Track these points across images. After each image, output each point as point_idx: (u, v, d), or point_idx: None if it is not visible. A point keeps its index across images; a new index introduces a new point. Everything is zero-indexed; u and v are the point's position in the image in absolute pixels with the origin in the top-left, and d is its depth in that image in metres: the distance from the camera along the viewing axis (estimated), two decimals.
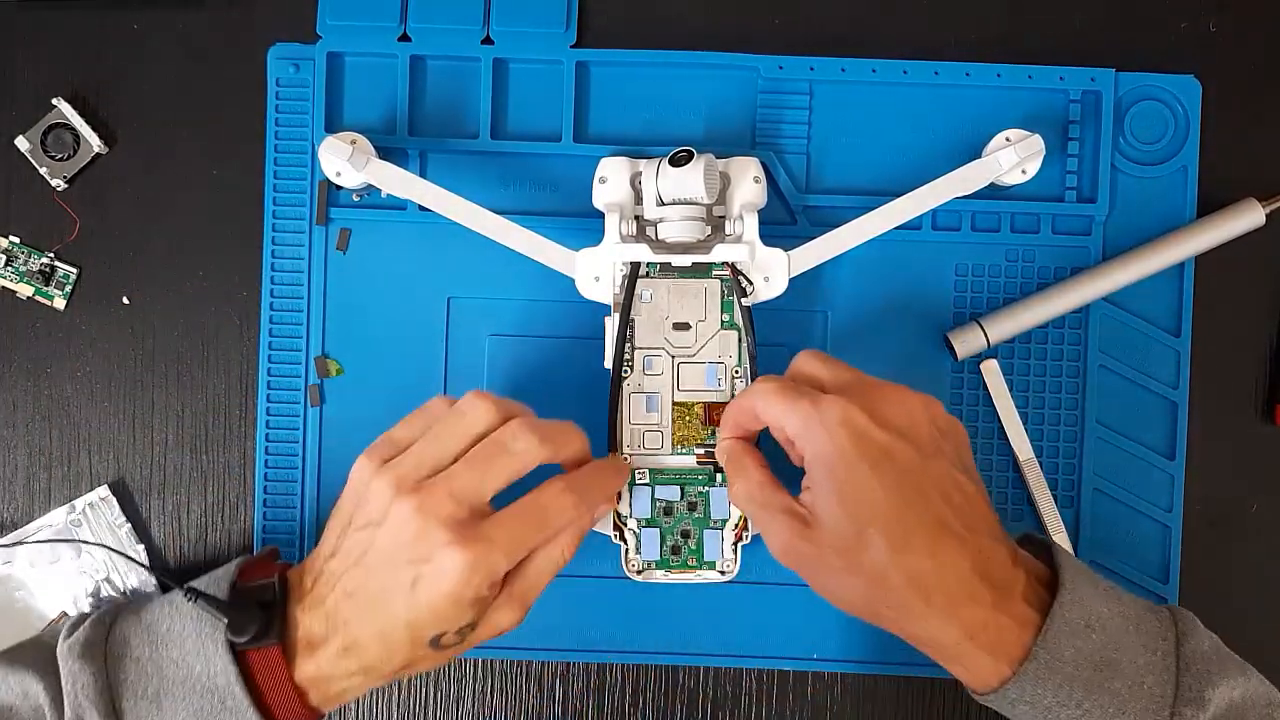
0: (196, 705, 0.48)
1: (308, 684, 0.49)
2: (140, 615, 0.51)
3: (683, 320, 0.54)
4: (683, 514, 0.54)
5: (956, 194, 0.55)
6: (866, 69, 0.58)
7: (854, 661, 0.59)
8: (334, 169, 0.55)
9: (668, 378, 0.54)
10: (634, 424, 0.54)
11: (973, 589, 0.44)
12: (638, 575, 0.55)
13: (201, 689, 0.48)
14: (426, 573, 0.46)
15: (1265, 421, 0.59)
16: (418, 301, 0.58)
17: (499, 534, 0.47)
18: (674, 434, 0.54)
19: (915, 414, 0.47)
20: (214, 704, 0.48)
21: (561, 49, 0.58)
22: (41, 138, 0.58)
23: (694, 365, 0.54)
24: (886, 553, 0.44)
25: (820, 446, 0.45)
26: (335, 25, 0.58)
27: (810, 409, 0.46)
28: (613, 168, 0.56)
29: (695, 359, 0.54)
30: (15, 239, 0.59)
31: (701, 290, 0.54)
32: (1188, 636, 0.46)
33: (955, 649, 0.45)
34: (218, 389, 0.59)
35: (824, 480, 0.46)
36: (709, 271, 0.54)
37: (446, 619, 0.47)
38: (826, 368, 0.49)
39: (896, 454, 0.45)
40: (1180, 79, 0.58)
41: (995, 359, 0.58)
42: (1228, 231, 0.58)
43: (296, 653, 0.48)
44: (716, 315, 0.54)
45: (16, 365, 0.59)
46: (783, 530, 0.47)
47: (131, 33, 0.59)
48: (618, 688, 0.59)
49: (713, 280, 0.54)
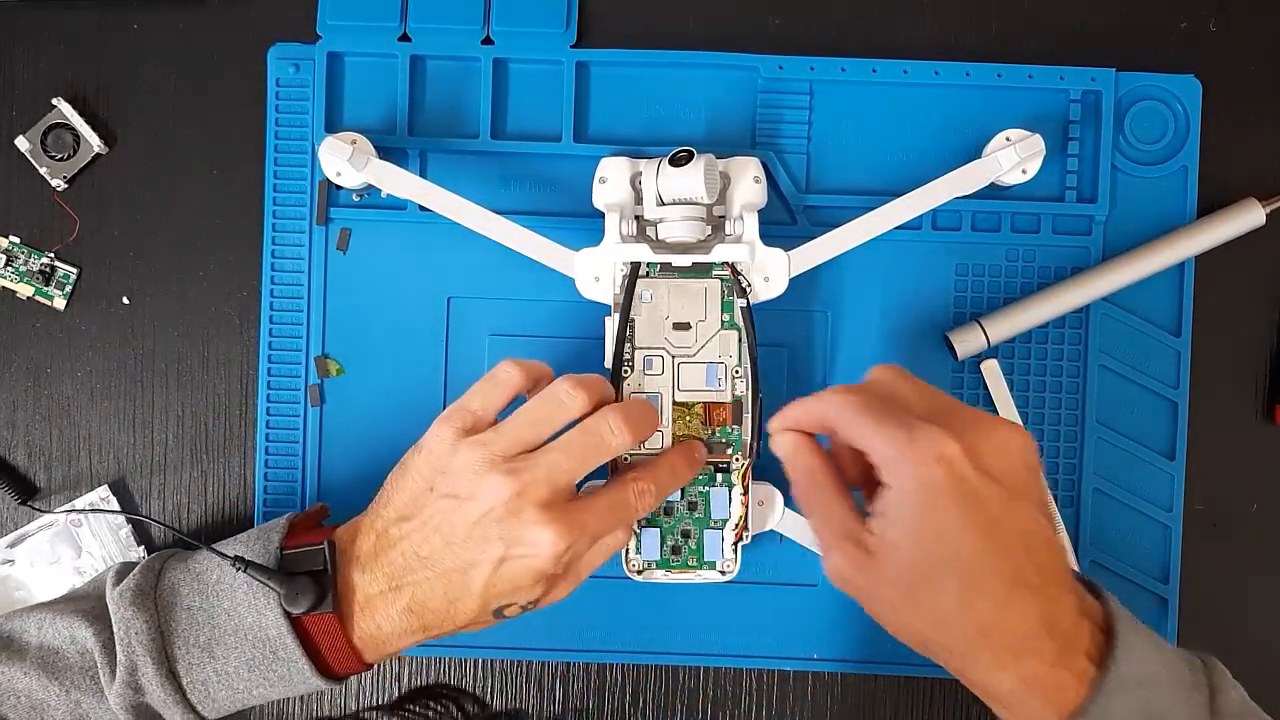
0: (249, 654, 0.49)
1: (364, 641, 0.50)
2: (189, 564, 0.51)
3: (683, 320, 0.54)
4: (683, 514, 0.54)
5: (956, 194, 0.55)
6: (866, 69, 0.58)
7: (854, 661, 0.58)
8: (334, 169, 0.55)
9: (668, 378, 0.54)
10: None
11: (1037, 642, 0.42)
12: (638, 575, 0.55)
13: (254, 639, 0.49)
14: (517, 551, 0.47)
15: (1265, 421, 0.59)
16: (418, 301, 0.58)
17: (590, 520, 0.48)
18: (674, 434, 0.54)
19: (1012, 454, 0.44)
20: (266, 654, 0.49)
21: (561, 49, 0.58)
22: (41, 138, 0.58)
23: (694, 365, 0.54)
24: (957, 599, 0.42)
25: (909, 482, 0.43)
26: (335, 25, 0.58)
27: (905, 439, 0.43)
28: (613, 168, 0.56)
29: (695, 359, 0.54)
30: (15, 239, 0.59)
31: (701, 290, 0.54)
32: (1220, 690, 0.45)
33: (1007, 697, 0.43)
34: (218, 389, 0.59)
35: (906, 516, 0.43)
36: (709, 271, 0.54)
37: (522, 593, 0.49)
38: (914, 389, 0.47)
39: (988, 499, 0.43)
40: (1180, 79, 0.58)
41: (995, 359, 0.58)
42: (1228, 231, 0.58)
43: (354, 613, 0.49)
44: (717, 315, 0.54)
45: (16, 365, 0.59)
46: (841, 558, 0.45)
47: (131, 33, 0.59)
48: (618, 688, 0.59)
49: (713, 280, 0.54)
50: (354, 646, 0.49)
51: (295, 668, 0.49)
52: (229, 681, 0.49)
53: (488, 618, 0.50)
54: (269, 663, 0.49)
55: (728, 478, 0.54)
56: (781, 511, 0.55)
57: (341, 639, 0.49)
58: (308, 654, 0.49)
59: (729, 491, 0.54)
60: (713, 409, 0.54)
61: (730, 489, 0.54)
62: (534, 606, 0.50)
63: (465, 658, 0.59)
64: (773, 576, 0.58)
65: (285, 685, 0.50)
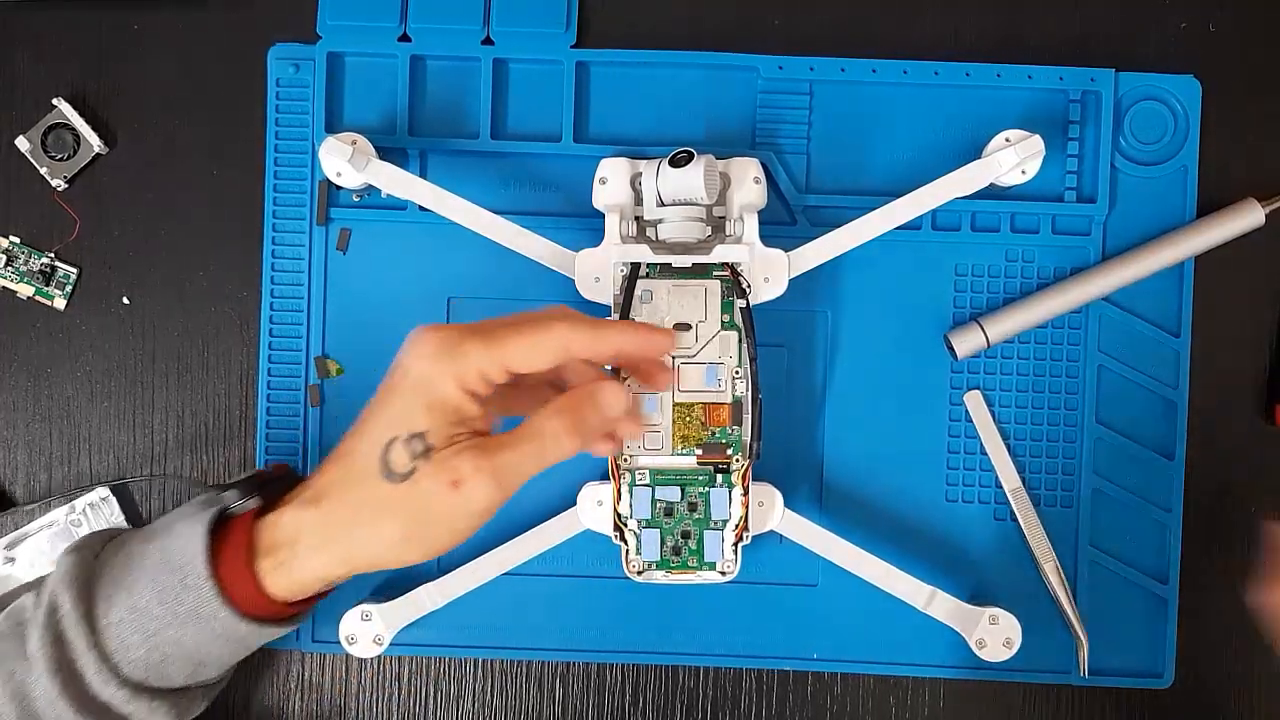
0: (161, 583, 0.46)
1: (267, 551, 0.47)
2: (151, 523, 0.51)
3: (683, 321, 0.54)
4: (683, 514, 0.54)
5: (956, 194, 0.55)
6: (866, 69, 0.58)
7: (854, 661, 0.59)
8: (334, 169, 0.55)
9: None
10: None
11: None
12: (638, 576, 0.55)
13: (168, 566, 0.47)
14: (397, 363, 0.46)
15: (1265, 421, 0.59)
16: (418, 301, 0.58)
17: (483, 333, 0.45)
18: (675, 434, 0.54)
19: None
20: (175, 582, 0.46)
21: (561, 49, 0.58)
22: (41, 138, 0.58)
23: (694, 366, 0.54)
24: None
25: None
26: (335, 25, 0.58)
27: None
28: (613, 168, 0.56)
29: (696, 359, 0.54)
30: (15, 239, 0.59)
31: (701, 291, 0.54)
32: None
33: None
34: (218, 389, 0.59)
35: None
36: (709, 272, 0.54)
37: (404, 416, 0.45)
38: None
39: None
40: (1180, 79, 0.58)
41: (979, 390, 0.58)
42: (1228, 231, 0.58)
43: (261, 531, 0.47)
44: (717, 316, 0.54)
45: (16, 365, 0.59)
46: None
47: (131, 33, 0.59)
48: (618, 688, 0.59)
49: (713, 281, 0.54)
50: (254, 569, 0.46)
51: (203, 596, 0.46)
52: (141, 621, 0.46)
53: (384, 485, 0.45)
54: (177, 593, 0.46)
55: (728, 478, 0.54)
56: (781, 512, 0.55)
57: (242, 555, 0.46)
58: (215, 580, 0.46)
59: (729, 492, 0.54)
60: (712, 409, 0.54)
61: (730, 490, 0.54)
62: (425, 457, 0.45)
63: (465, 657, 0.59)
64: (773, 576, 0.58)
65: (197, 623, 0.46)
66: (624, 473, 0.54)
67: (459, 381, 0.45)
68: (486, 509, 0.45)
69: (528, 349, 0.45)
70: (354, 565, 0.47)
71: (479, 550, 0.56)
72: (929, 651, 0.58)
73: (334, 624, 0.56)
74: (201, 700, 0.51)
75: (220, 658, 0.49)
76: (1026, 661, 0.56)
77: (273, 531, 0.47)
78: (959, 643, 0.55)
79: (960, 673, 0.58)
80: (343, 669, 0.59)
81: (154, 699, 0.48)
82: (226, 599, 0.46)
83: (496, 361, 0.45)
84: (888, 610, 0.57)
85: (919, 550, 0.58)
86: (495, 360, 0.45)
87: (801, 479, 0.58)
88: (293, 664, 0.59)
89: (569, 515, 0.56)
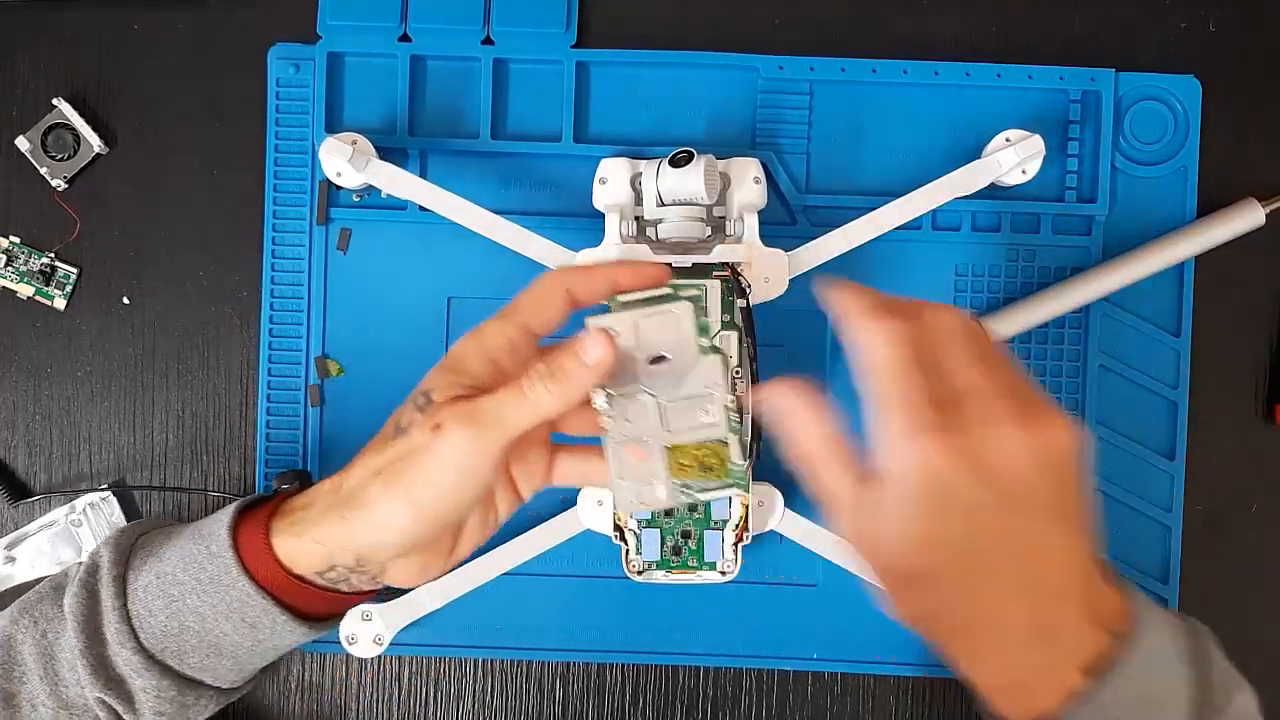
0: (187, 550, 0.48)
1: (283, 515, 0.48)
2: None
3: None
4: (683, 514, 0.54)
5: (957, 194, 0.55)
6: (866, 69, 0.58)
7: (854, 661, 0.59)
8: (334, 169, 0.55)
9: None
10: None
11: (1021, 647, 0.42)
12: (638, 576, 0.55)
13: (198, 537, 0.48)
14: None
15: (1265, 421, 0.59)
16: (418, 301, 0.58)
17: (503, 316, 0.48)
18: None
19: (1019, 458, 0.41)
20: (200, 549, 0.48)
21: (561, 49, 0.58)
22: (41, 138, 0.58)
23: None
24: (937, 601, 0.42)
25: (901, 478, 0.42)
26: (335, 25, 0.58)
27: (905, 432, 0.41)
28: (613, 168, 0.56)
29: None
30: (15, 239, 0.59)
31: (702, 291, 0.54)
32: (1210, 649, 0.44)
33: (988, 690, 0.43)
34: (218, 389, 0.59)
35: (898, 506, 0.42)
36: (709, 272, 0.54)
37: (423, 383, 0.47)
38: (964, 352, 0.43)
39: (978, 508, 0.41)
40: (1180, 79, 0.58)
41: None
42: (1228, 231, 0.58)
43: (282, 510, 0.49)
44: (717, 316, 0.54)
45: (16, 365, 0.59)
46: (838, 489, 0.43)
47: (131, 33, 0.59)
48: (618, 688, 0.59)
49: (713, 281, 0.54)
50: (268, 531, 0.47)
51: (224, 563, 0.47)
52: (165, 586, 0.48)
53: (389, 443, 0.46)
54: (201, 560, 0.47)
55: None
56: (781, 511, 0.55)
57: (262, 522, 0.47)
58: (235, 550, 0.47)
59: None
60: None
61: None
62: (423, 410, 0.46)
63: (465, 657, 0.59)
64: (773, 576, 0.58)
65: (216, 591, 0.47)
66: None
67: (480, 350, 0.47)
68: (466, 459, 0.44)
69: (533, 300, 0.47)
70: (351, 530, 0.46)
71: (479, 550, 0.56)
72: (929, 651, 0.58)
73: None
74: (209, 704, 0.50)
75: (236, 647, 0.48)
76: None
77: (293, 500, 0.48)
78: None
79: None
80: (343, 669, 0.59)
81: (164, 677, 0.48)
82: (242, 565, 0.47)
83: (512, 322, 0.47)
84: None
85: None
86: (511, 322, 0.47)
87: (801, 479, 0.58)
88: (293, 664, 0.59)
89: (569, 515, 0.56)
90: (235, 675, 0.50)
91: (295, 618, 0.48)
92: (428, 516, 0.45)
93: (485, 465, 0.45)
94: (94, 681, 0.47)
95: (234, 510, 0.49)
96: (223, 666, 0.49)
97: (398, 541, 0.46)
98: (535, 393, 0.45)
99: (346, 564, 0.47)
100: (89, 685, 0.48)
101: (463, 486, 0.45)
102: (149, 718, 0.49)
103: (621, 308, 0.47)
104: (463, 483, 0.45)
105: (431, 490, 0.45)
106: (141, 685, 0.48)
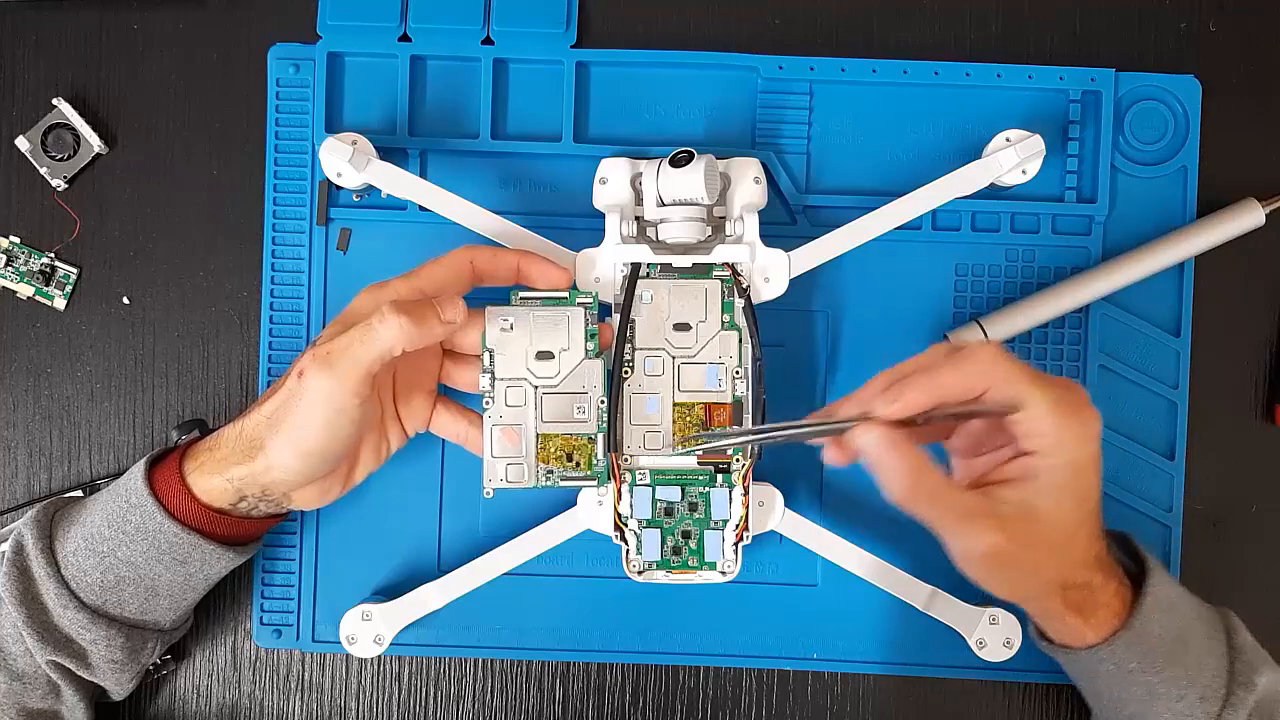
0: (109, 509, 0.51)
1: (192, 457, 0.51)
2: None
3: (683, 321, 0.54)
4: (683, 514, 0.54)
5: (957, 194, 0.55)
6: (866, 69, 0.58)
7: (854, 661, 0.59)
8: (334, 169, 0.55)
9: (668, 378, 0.54)
10: (634, 424, 0.54)
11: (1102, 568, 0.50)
12: (638, 576, 0.55)
13: (116, 495, 0.51)
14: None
15: (1265, 421, 0.59)
16: None
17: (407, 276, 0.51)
18: (675, 434, 0.54)
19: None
20: (122, 504, 0.51)
21: (561, 49, 0.58)
22: (41, 138, 0.58)
23: (694, 365, 0.54)
24: (1085, 544, 0.48)
25: (1067, 455, 0.46)
26: (335, 25, 0.58)
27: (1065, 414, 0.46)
28: (613, 168, 0.56)
29: (696, 359, 0.54)
30: (15, 239, 0.59)
31: (702, 291, 0.54)
32: (1236, 630, 0.52)
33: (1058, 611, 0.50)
34: (218, 389, 0.59)
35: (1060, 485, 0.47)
36: (709, 272, 0.54)
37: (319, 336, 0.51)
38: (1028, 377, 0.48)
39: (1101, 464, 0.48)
40: (1180, 79, 0.58)
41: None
42: (1228, 231, 0.58)
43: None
44: (717, 316, 0.54)
45: (16, 365, 0.59)
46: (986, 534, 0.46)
47: (131, 33, 0.59)
48: (618, 688, 0.59)
49: (713, 281, 0.54)
50: (182, 473, 0.51)
51: (146, 511, 0.50)
52: (93, 544, 0.51)
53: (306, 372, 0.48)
54: (124, 513, 0.51)
55: (728, 478, 0.54)
56: (781, 512, 0.55)
57: (175, 468, 0.51)
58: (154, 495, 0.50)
59: (729, 492, 0.54)
60: (713, 409, 0.54)
61: (731, 490, 0.54)
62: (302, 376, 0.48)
63: (465, 658, 0.59)
64: (773, 576, 0.58)
65: (143, 539, 0.50)
66: (624, 473, 0.54)
67: (375, 304, 0.49)
68: (329, 396, 0.48)
69: (439, 266, 0.51)
70: (253, 469, 0.50)
71: (479, 550, 0.56)
72: (929, 651, 0.58)
73: (334, 624, 0.56)
74: (156, 644, 0.54)
75: (171, 585, 0.52)
76: (1026, 661, 0.56)
77: (199, 444, 0.52)
78: (959, 643, 0.55)
79: (960, 672, 0.58)
80: (343, 669, 0.59)
81: (110, 627, 0.51)
82: (162, 507, 0.50)
83: (411, 284, 0.51)
84: (887, 610, 0.57)
85: (919, 550, 0.58)
86: (411, 284, 0.51)
87: (801, 479, 0.58)
88: (293, 664, 0.59)
89: (569, 515, 0.56)
90: (174, 613, 0.54)
91: (221, 544, 0.52)
92: (311, 454, 0.49)
93: (349, 401, 0.48)
94: (43, 647, 0.51)
95: (145, 464, 0.51)
96: (161, 607, 0.53)
97: (291, 479, 0.50)
98: (383, 327, 0.48)
99: (255, 494, 0.51)
100: (39, 651, 0.50)
101: (334, 423, 0.49)
102: (102, 668, 0.52)
103: (521, 302, 0.53)
104: (333, 419, 0.48)
105: (307, 431, 0.49)
106: (91, 639, 0.51)
